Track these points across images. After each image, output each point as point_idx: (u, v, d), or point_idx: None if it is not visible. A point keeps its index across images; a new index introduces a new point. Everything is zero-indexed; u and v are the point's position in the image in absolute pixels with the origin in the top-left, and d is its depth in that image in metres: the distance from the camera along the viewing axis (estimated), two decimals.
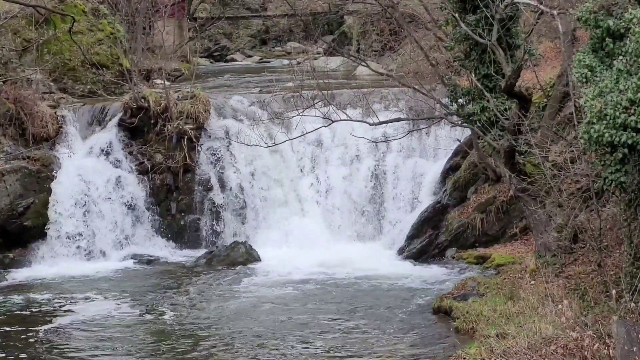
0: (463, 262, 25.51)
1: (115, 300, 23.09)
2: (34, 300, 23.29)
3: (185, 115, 29.00)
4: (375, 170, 28.84)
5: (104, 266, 26.62)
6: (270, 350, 18.90)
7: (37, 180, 27.19)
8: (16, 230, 26.68)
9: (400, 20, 26.32)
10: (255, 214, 28.77)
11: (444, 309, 20.75)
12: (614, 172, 15.64)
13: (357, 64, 34.18)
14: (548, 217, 20.84)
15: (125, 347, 19.44)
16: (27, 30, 31.72)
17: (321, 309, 22.00)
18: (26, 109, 27.87)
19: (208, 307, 22.39)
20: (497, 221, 25.97)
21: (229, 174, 28.99)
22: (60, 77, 32.06)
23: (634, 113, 14.76)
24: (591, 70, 16.05)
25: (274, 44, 63.27)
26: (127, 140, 29.07)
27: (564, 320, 15.63)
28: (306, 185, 29.16)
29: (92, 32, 33.05)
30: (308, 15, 46.19)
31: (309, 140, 28.74)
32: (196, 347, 19.33)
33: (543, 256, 20.87)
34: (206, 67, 50.59)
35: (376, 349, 18.75)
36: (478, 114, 21.57)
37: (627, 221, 16.68)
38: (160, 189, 28.75)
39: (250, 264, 26.48)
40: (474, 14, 21.69)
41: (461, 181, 27.00)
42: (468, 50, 22.23)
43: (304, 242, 27.69)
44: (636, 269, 16.42)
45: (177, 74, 40.08)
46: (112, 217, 27.94)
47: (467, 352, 16.45)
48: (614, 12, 16.17)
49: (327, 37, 51.56)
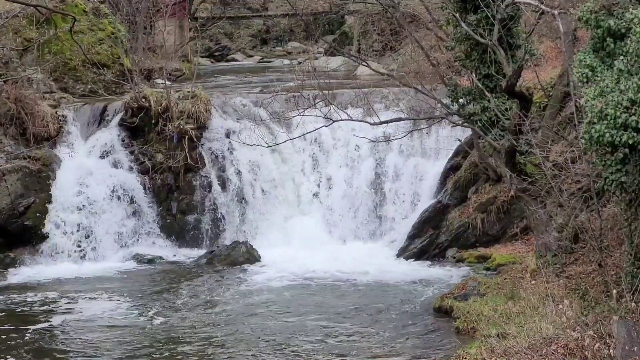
0: (464, 262, 25.52)
1: (116, 300, 23.10)
2: (34, 299, 23.29)
3: (186, 115, 29.01)
4: (375, 170, 28.83)
5: (105, 266, 26.62)
6: (270, 350, 18.91)
7: (37, 180, 27.20)
8: (17, 229, 26.69)
9: (401, 20, 26.32)
10: (256, 214, 28.76)
11: (444, 308, 20.75)
12: (614, 172, 15.65)
13: (358, 63, 34.18)
14: (549, 217, 20.84)
15: (125, 347, 19.44)
16: (28, 29, 31.73)
17: (321, 309, 22.01)
18: (27, 108, 27.88)
19: (208, 307, 22.39)
20: (498, 221, 25.98)
21: (230, 174, 29.00)
22: (61, 77, 32.06)
23: (634, 113, 14.77)
24: (592, 70, 16.05)
25: (275, 44, 63.25)
26: (128, 140, 29.08)
27: (565, 320, 15.64)
28: (307, 185, 29.16)
29: (93, 32, 33.05)
30: (309, 15, 46.17)
31: (309, 140, 28.76)
32: (196, 347, 19.32)
33: (544, 256, 20.86)
34: (207, 66, 50.56)
35: (376, 349, 18.76)
36: (479, 114, 21.56)
37: (627, 221, 16.68)
38: (161, 188, 28.75)
39: (250, 263, 26.48)
40: (475, 13, 21.68)
41: (462, 181, 27.01)
42: (469, 50, 22.23)
43: (305, 242, 27.67)
44: (637, 268, 16.43)
45: (178, 74, 40.07)
46: (113, 216, 27.94)
47: (468, 352, 16.45)
48: (615, 12, 16.18)
49: (327, 37, 51.54)
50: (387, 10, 25.72)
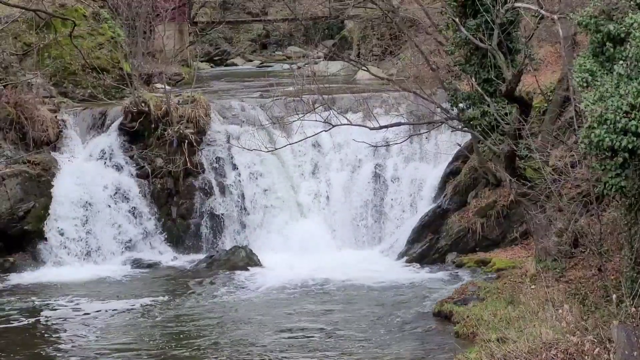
0: (463, 266, 25.51)
1: (115, 305, 23.06)
2: (34, 304, 23.27)
3: (185, 119, 29.02)
4: (375, 174, 28.84)
5: (104, 270, 26.60)
6: (268, 355, 18.89)
7: (37, 184, 27.19)
8: (16, 234, 26.68)
9: (401, 25, 26.36)
10: (256, 219, 28.75)
11: (444, 313, 20.74)
12: (614, 176, 15.65)
13: (358, 68, 34.20)
14: (548, 221, 20.84)
15: (124, 351, 19.43)
16: (28, 34, 31.75)
17: (321, 314, 22.00)
18: (27, 113, 27.90)
19: (208, 312, 22.38)
20: (498, 226, 25.98)
21: (230, 179, 29.00)
22: (61, 81, 32.06)
23: (634, 117, 14.78)
24: (592, 75, 16.06)
25: (275, 48, 63.28)
26: (128, 145, 29.08)
27: (565, 324, 15.64)
28: (306, 190, 29.16)
29: (92, 36, 33.07)
30: (308, 20, 46.18)
31: (309, 145, 28.76)
32: (195, 352, 19.32)
33: (543, 260, 20.87)
34: (207, 71, 50.57)
35: (376, 354, 18.74)
36: (478, 119, 21.58)
37: (627, 226, 16.69)
38: (161, 193, 28.74)
39: (250, 268, 26.45)
40: (475, 18, 21.72)
41: (461, 185, 27.01)
42: (468, 55, 22.25)
43: (304, 247, 27.69)
44: (637, 273, 16.44)
45: (178, 78, 40.09)
46: (113, 221, 27.93)
47: (468, 357, 16.45)
48: (615, 16, 16.19)
49: (327, 42, 51.54)
50: (387, 14, 25.78)
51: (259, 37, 64.15)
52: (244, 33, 64.07)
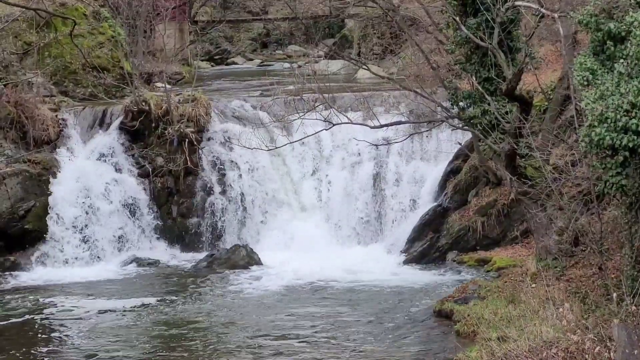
0: (464, 265, 25.52)
1: (116, 304, 23.05)
2: (34, 303, 23.27)
3: (186, 118, 29.02)
4: (376, 173, 28.83)
5: (105, 269, 26.62)
6: (269, 355, 18.89)
7: (38, 183, 27.19)
8: (17, 233, 26.67)
9: (401, 24, 26.35)
10: (256, 217, 28.76)
11: (445, 312, 20.72)
12: (614, 175, 15.64)
13: (358, 67, 34.17)
14: (549, 220, 20.83)
15: (124, 350, 19.43)
16: (28, 33, 31.75)
17: (321, 313, 21.99)
18: (27, 112, 27.89)
19: (208, 311, 22.38)
20: (498, 224, 25.98)
21: (230, 177, 29.00)
22: (61, 80, 32.07)
23: (635, 116, 14.77)
24: (592, 74, 16.05)
25: (275, 47, 63.29)
26: (128, 144, 29.08)
27: (565, 323, 15.63)
28: (307, 188, 29.15)
29: (93, 36, 33.07)
30: (309, 19, 46.18)
31: (310, 144, 28.75)
32: (195, 351, 19.31)
33: (544, 259, 20.86)
34: (207, 70, 50.60)
35: (376, 352, 18.73)
36: (479, 117, 21.57)
37: (628, 224, 16.68)
38: (161, 192, 28.76)
39: (251, 267, 26.46)
40: (475, 17, 21.71)
41: (462, 184, 27.01)
42: (469, 54, 22.25)
43: (305, 246, 27.66)
44: (637, 272, 16.44)
45: (178, 77, 40.08)
46: (113, 220, 27.94)
47: (468, 356, 16.44)
48: (615, 15, 16.18)
49: (328, 41, 51.54)
50: (387, 13, 25.75)
51: (259, 36, 64.15)
52: (245, 32, 64.06)
